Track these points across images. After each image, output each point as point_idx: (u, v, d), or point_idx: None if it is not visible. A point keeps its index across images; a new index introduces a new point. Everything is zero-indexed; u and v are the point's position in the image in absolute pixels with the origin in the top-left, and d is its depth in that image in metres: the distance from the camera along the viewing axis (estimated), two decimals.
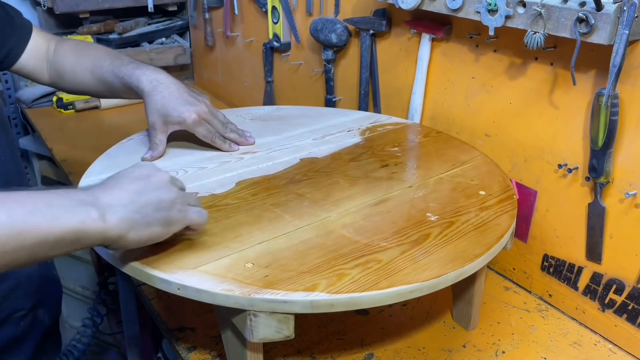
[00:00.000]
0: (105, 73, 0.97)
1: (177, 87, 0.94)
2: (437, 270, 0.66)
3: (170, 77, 0.95)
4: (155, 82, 0.93)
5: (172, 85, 0.93)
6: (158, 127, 0.93)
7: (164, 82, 0.93)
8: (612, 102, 0.76)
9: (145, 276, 0.66)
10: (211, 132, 0.95)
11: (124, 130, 1.16)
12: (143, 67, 0.95)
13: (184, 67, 2.02)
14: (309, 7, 1.35)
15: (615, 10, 0.71)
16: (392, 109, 1.19)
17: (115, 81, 0.96)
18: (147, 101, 0.93)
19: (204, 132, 0.95)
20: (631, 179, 0.80)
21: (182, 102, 0.92)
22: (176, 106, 0.92)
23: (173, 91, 0.93)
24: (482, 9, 0.87)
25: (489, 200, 0.82)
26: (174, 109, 0.92)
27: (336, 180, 0.88)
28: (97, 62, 0.99)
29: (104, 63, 0.98)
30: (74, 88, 1.05)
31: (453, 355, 0.83)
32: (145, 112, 0.94)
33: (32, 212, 0.55)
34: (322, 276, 0.64)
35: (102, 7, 1.85)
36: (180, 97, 0.93)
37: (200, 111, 0.93)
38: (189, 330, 0.86)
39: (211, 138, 0.95)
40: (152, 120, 0.93)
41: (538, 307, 0.95)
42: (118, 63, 0.97)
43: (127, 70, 0.95)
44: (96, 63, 0.99)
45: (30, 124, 1.86)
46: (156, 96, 0.92)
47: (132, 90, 0.95)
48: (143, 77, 0.93)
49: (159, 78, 0.93)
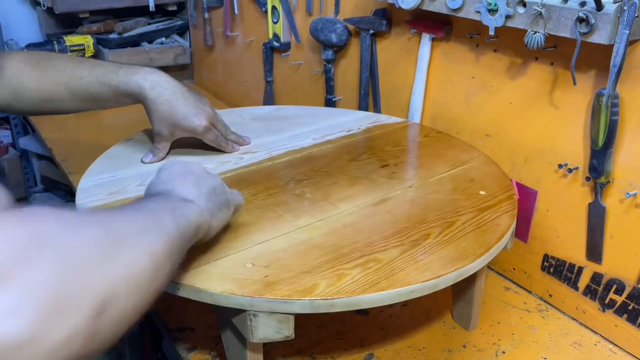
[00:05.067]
0: (88, 84, 0.90)
1: (180, 90, 0.91)
2: (437, 270, 0.66)
3: (169, 77, 0.92)
4: (159, 88, 0.89)
5: (175, 88, 0.90)
6: (164, 135, 0.92)
7: (167, 87, 0.90)
8: (613, 102, 0.76)
9: None
10: (218, 137, 0.95)
11: (124, 130, 1.16)
12: (138, 70, 0.90)
13: (184, 67, 2.02)
14: (309, 7, 1.35)
15: (616, 10, 0.71)
16: (392, 109, 1.19)
17: (103, 90, 0.90)
18: (152, 108, 0.90)
19: (212, 137, 0.94)
20: (631, 179, 0.80)
21: (190, 110, 0.90)
22: (185, 115, 0.90)
23: (177, 96, 0.90)
24: (482, 9, 0.87)
25: (489, 200, 0.82)
26: (183, 119, 0.90)
27: (336, 180, 0.88)
28: (72, 73, 0.90)
29: (81, 73, 0.90)
30: (37, 108, 0.94)
31: (453, 355, 0.83)
32: (150, 118, 0.92)
33: (162, 219, 0.51)
34: (322, 276, 0.64)
35: (102, 7, 1.85)
36: (186, 102, 0.90)
37: (208, 117, 0.92)
38: (189, 330, 0.86)
39: (218, 142, 0.95)
40: (159, 129, 0.91)
41: (538, 307, 0.95)
42: (101, 71, 0.90)
43: (121, 77, 0.89)
44: (71, 74, 0.90)
45: (30, 124, 1.86)
46: (162, 105, 0.89)
47: (128, 98, 0.91)
48: (144, 82, 0.89)
49: (161, 82, 0.90)
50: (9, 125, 2.02)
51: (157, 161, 0.93)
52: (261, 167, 0.93)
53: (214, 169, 0.92)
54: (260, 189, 0.85)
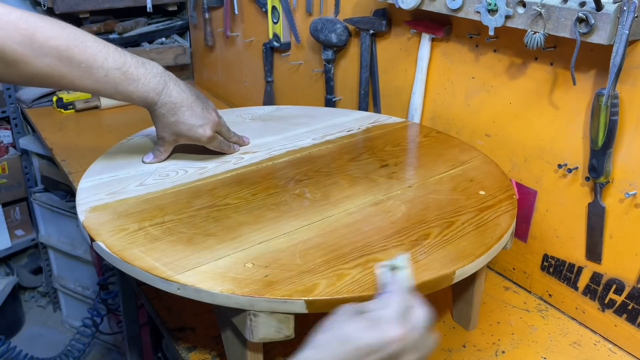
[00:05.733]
0: (104, 85, 0.85)
1: (188, 100, 0.89)
2: (437, 270, 0.66)
3: (180, 86, 0.89)
4: (169, 104, 0.87)
5: (184, 100, 0.88)
6: (167, 141, 0.92)
7: (176, 101, 0.88)
8: (612, 102, 0.76)
9: (146, 276, 0.66)
10: (221, 142, 0.95)
11: (124, 130, 1.17)
12: (151, 82, 0.86)
13: (184, 67, 2.02)
14: (309, 7, 1.35)
15: (615, 10, 0.71)
16: (392, 109, 1.19)
17: (116, 94, 0.87)
18: (159, 119, 0.89)
19: (215, 144, 0.94)
20: (631, 179, 0.80)
21: (195, 121, 0.89)
22: (190, 127, 0.89)
23: (184, 109, 0.88)
24: (482, 9, 0.87)
25: (489, 200, 0.82)
26: (188, 130, 0.89)
27: (336, 180, 0.88)
28: (89, 71, 0.83)
29: (98, 74, 0.83)
30: (31, 83, 0.88)
31: (453, 355, 0.83)
32: (154, 124, 0.91)
33: None
34: (322, 276, 0.64)
35: (102, 7, 1.85)
36: (193, 114, 0.89)
37: (213, 125, 0.91)
38: (189, 330, 0.86)
39: (221, 147, 0.95)
40: (162, 135, 0.91)
41: (538, 307, 0.95)
42: (118, 76, 0.84)
43: (135, 91, 0.86)
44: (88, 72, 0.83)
45: (30, 124, 1.86)
46: (169, 117, 0.88)
47: (137, 105, 0.89)
48: (157, 97, 0.87)
49: (172, 96, 0.87)
50: (9, 125, 2.03)
51: (157, 162, 0.94)
52: (261, 167, 0.93)
53: (214, 168, 0.92)
54: (261, 189, 0.85)
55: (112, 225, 0.74)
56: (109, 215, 0.77)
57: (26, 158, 2.07)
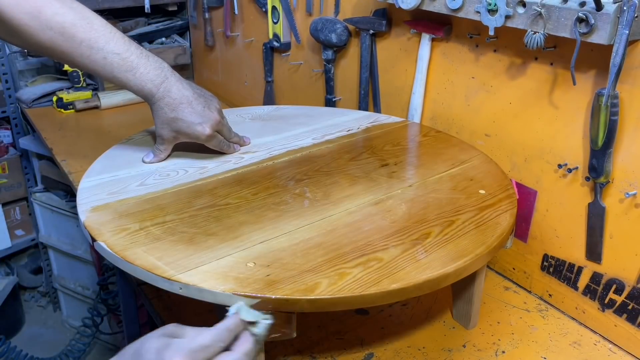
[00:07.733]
0: (103, 68, 0.87)
1: (189, 98, 0.89)
2: (437, 269, 0.66)
3: (181, 83, 0.90)
4: (167, 98, 0.88)
5: (184, 97, 0.89)
6: (167, 139, 0.92)
7: (175, 97, 0.88)
8: (612, 102, 0.76)
9: (148, 276, 0.66)
10: (221, 142, 0.95)
11: (124, 130, 1.17)
12: (150, 73, 0.88)
13: (184, 67, 2.02)
14: (309, 7, 1.35)
15: (615, 10, 0.71)
16: (392, 108, 1.19)
17: (113, 79, 0.88)
18: (158, 114, 0.89)
19: (215, 143, 0.94)
20: (631, 178, 0.80)
21: (195, 119, 0.89)
22: (190, 124, 0.89)
23: (184, 105, 0.89)
24: (482, 9, 0.87)
25: (489, 199, 0.82)
26: (187, 127, 0.89)
27: (336, 179, 0.88)
28: (88, 51, 0.86)
29: (96, 56, 0.86)
30: (31, 49, 0.91)
31: (453, 354, 0.83)
32: (154, 120, 0.91)
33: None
34: (324, 275, 0.65)
35: (102, 7, 1.85)
36: (193, 111, 0.89)
37: (213, 124, 0.91)
38: None
39: (221, 147, 0.95)
40: (161, 133, 0.91)
41: (538, 307, 0.95)
42: (116, 62, 0.86)
43: (134, 80, 0.87)
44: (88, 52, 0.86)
45: (30, 124, 1.86)
46: (168, 113, 0.88)
47: (136, 94, 0.90)
48: (155, 90, 0.88)
49: (172, 91, 0.88)
50: (9, 125, 2.03)
51: (157, 161, 0.94)
52: (261, 166, 0.93)
53: (214, 168, 0.92)
54: (261, 189, 0.85)
55: (113, 225, 0.74)
56: (110, 215, 0.77)
57: (26, 158, 2.07)
